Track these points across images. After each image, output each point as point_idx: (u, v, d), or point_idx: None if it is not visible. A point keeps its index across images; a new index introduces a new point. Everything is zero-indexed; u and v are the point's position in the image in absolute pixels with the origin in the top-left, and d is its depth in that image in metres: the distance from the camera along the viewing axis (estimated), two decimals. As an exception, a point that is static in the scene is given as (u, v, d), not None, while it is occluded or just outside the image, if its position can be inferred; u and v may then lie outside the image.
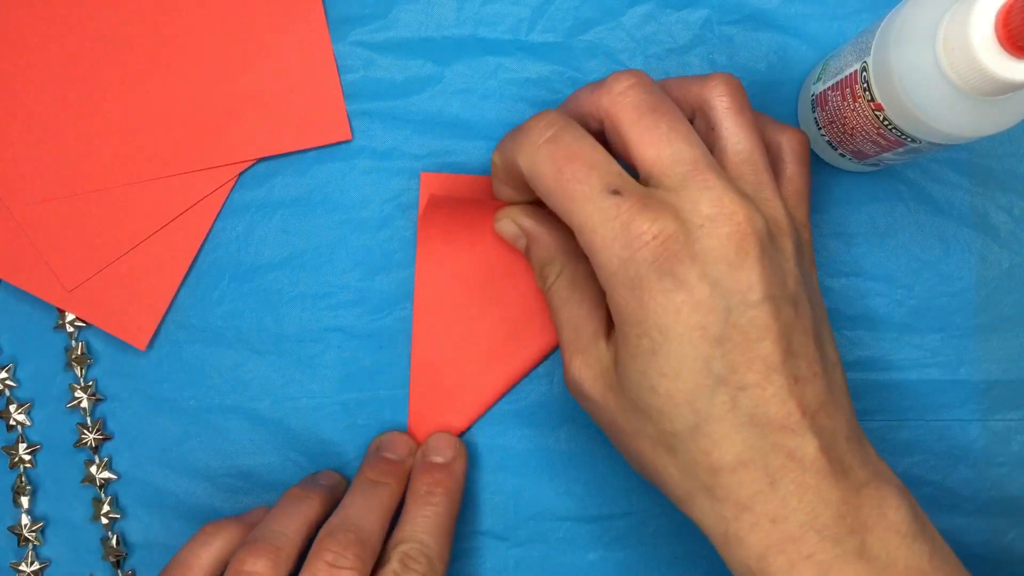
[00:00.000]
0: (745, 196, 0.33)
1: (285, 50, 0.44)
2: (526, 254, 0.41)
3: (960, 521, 0.44)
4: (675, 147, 0.34)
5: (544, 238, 0.40)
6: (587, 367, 0.36)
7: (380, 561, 0.38)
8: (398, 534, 0.39)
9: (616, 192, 0.33)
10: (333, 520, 0.38)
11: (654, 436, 0.34)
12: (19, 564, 0.44)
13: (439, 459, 0.42)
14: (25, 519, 0.44)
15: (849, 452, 0.33)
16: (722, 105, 0.36)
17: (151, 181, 0.44)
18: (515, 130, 0.37)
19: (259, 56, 0.44)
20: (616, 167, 0.34)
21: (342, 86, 0.44)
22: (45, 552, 0.45)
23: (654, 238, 0.32)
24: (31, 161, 0.44)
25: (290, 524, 0.38)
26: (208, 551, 0.39)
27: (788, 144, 0.38)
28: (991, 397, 0.44)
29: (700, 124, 0.37)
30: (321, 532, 0.38)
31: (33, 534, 0.44)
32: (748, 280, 0.32)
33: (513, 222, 0.41)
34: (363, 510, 0.39)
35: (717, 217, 0.32)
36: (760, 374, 0.32)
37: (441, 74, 0.44)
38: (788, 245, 0.34)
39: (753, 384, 0.32)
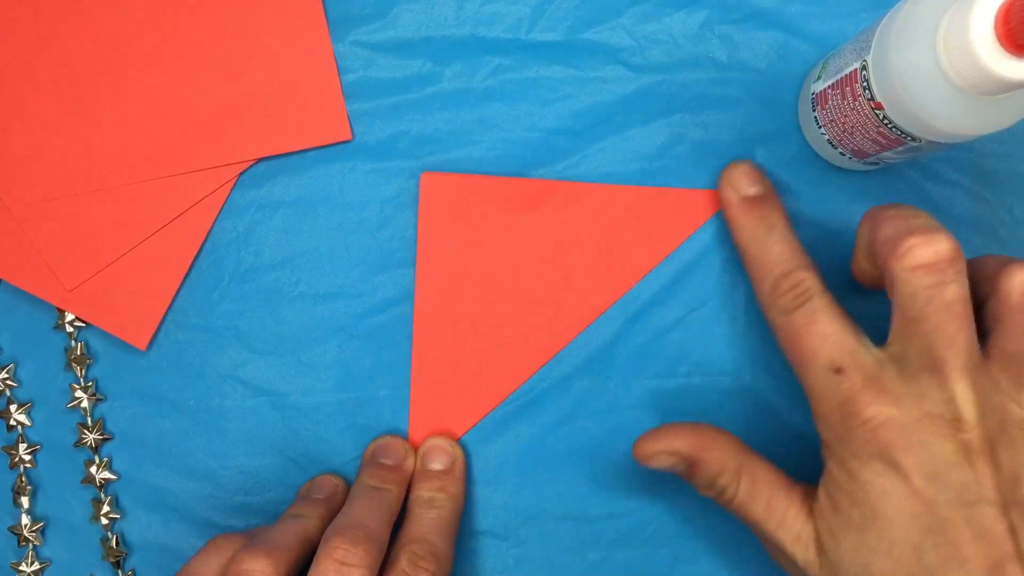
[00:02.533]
0: (985, 398, 0.33)
1: (285, 50, 0.44)
2: (690, 478, 0.40)
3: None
4: (926, 343, 0.33)
5: (707, 458, 0.38)
6: (789, 539, 0.36)
7: (388, 561, 0.38)
8: (405, 535, 0.40)
9: (839, 371, 0.34)
10: (339, 520, 0.38)
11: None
12: (19, 564, 0.44)
13: (438, 466, 0.43)
14: (25, 519, 0.44)
15: None
16: (1014, 301, 0.35)
17: (151, 181, 0.44)
18: (764, 260, 0.39)
19: (259, 56, 0.44)
20: (848, 342, 0.35)
21: (342, 86, 0.44)
22: (45, 552, 0.45)
23: (869, 420, 0.33)
24: (31, 161, 0.44)
25: (288, 533, 0.38)
26: (218, 560, 0.39)
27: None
28: (991, 397, 0.44)
29: (984, 307, 0.36)
30: (328, 532, 0.37)
31: (33, 534, 0.44)
32: (967, 481, 0.32)
33: (668, 453, 0.39)
34: (368, 511, 0.39)
35: (943, 415, 0.32)
36: (976, 574, 0.32)
37: (441, 74, 0.44)
38: None
39: None
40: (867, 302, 0.41)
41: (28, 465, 0.45)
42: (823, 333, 0.35)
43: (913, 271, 0.34)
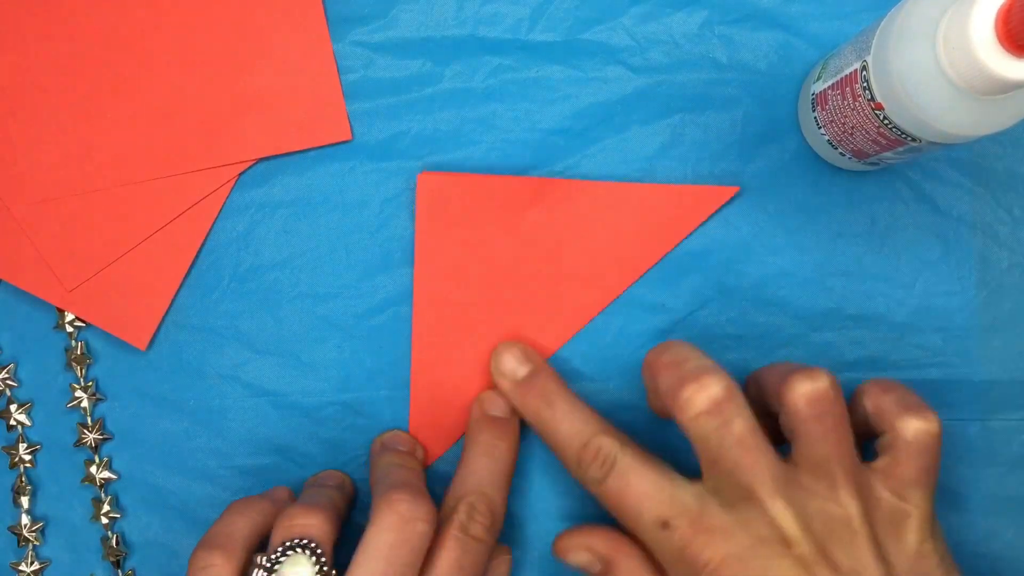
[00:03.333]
0: (801, 512, 0.34)
1: (285, 50, 0.44)
2: None
3: (960, 520, 0.44)
4: (732, 477, 0.35)
5: (625, 563, 0.39)
6: None
7: (444, 511, 0.39)
8: (464, 486, 0.40)
9: (665, 525, 0.35)
10: (383, 485, 0.39)
11: None
12: (19, 564, 0.44)
13: (498, 413, 0.42)
14: (25, 519, 0.44)
15: None
16: (799, 412, 0.36)
17: (151, 181, 0.44)
18: (558, 436, 0.39)
19: (259, 56, 0.44)
20: (665, 492, 0.36)
21: (342, 86, 0.44)
22: (45, 552, 0.45)
23: (706, 564, 0.34)
24: (31, 161, 0.44)
25: (322, 497, 0.40)
26: (244, 521, 0.39)
27: (911, 434, 0.37)
28: (991, 397, 0.44)
29: (782, 421, 0.37)
30: (380, 493, 0.38)
31: (33, 534, 0.44)
32: None
33: (586, 551, 0.40)
34: (403, 477, 0.39)
35: (770, 537, 0.34)
36: None
37: (441, 74, 0.44)
38: (862, 542, 0.34)
39: None
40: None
41: (28, 465, 0.45)
42: (639, 492, 0.36)
43: (696, 419, 0.35)
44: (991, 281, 0.44)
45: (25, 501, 0.44)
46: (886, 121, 0.36)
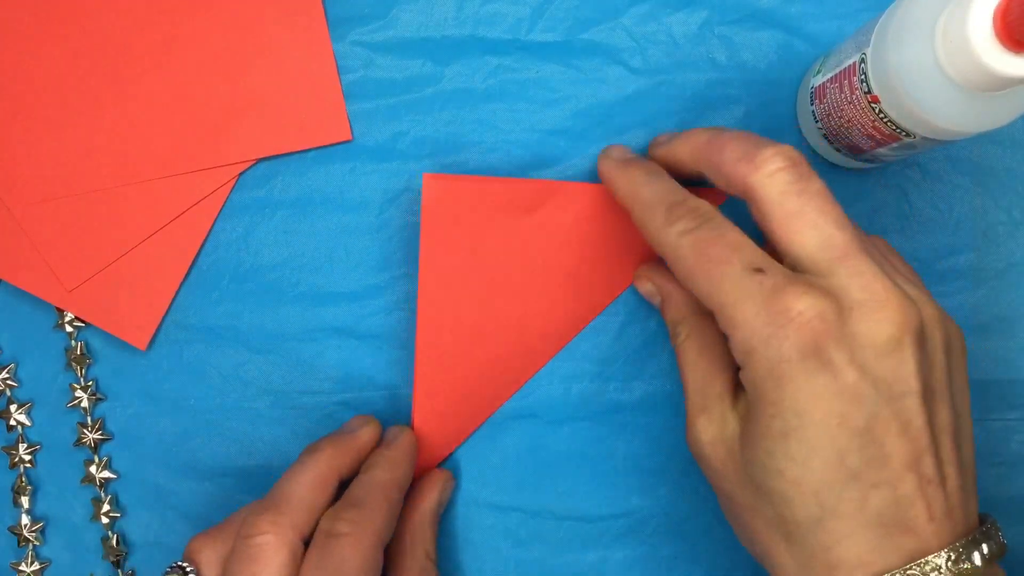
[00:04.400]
0: (897, 285, 0.32)
1: (285, 50, 0.44)
2: (661, 311, 0.41)
3: (960, 521, 0.44)
4: (823, 233, 0.33)
5: (677, 298, 0.40)
6: (709, 429, 0.36)
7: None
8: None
9: (759, 270, 0.33)
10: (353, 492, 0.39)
11: (772, 520, 0.33)
12: (19, 564, 0.44)
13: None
14: (25, 519, 0.44)
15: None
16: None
17: (151, 181, 0.44)
18: (651, 195, 0.37)
19: (259, 56, 0.44)
20: (760, 250, 0.34)
21: (342, 86, 0.44)
22: (45, 552, 0.45)
23: (800, 314, 0.31)
24: (31, 161, 0.44)
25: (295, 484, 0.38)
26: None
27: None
28: (990, 397, 0.44)
29: None
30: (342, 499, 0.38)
31: (33, 534, 0.44)
32: (898, 371, 0.31)
33: (649, 280, 0.42)
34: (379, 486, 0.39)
35: (867, 303, 0.31)
36: (894, 472, 0.31)
37: (441, 74, 0.44)
38: (939, 340, 0.33)
39: (885, 482, 0.31)
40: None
41: (28, 465, 0.45)
42: (734, 242, 0.34)
43: (775, 174, 0.33)
44: (989, 281, 0.44)
45: (25, 501, 0.44)
46: (881, 115, 0.36)
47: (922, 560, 0.31)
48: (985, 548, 0.32)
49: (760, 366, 0.32)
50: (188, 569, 0.37)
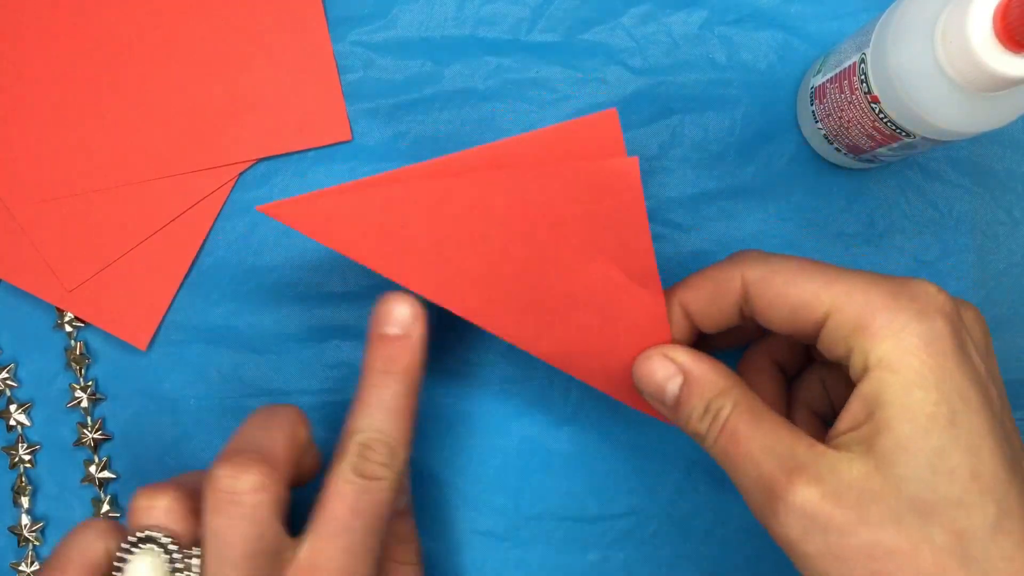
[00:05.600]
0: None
1: (285, 50, 0.44)
2: (671, 401, 0.35)
3: (960, 521, 0.44)
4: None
5: (708, 375, 0.34)
6: (817, 487, 0.29)
7: (337, 451, 0.36)
8: (353, 422, 0.36)
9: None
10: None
11: (944, 544, 0.28)
12: (19, 564, 0.44)
13: (394, 330, 0.37)
14: (25, 519, 0.44)
15: None
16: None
17: (151, 181, 0.44)
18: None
19: (259, 56, 0.44)
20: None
21: (342, 86, 0.44)
22: (45, 552, 0.45)
23: (934, 297, 0.30)
24: (31, 161, 0.44)
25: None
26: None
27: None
28: (991, 397, 0.44)
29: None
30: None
31: (33, 534, 0.44)
32: (993, 370, 0.32)
33: (668, 358, 0.35)
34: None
35: (965, 303, 0.32)
36: None
37: (441, 74, 0.44)
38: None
39: None
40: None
41: (28, 465, 0.45)
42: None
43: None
44: (989, 281, 0.44)
45: (25, 501, 0.44)
46: (881, 115, 0.36)
47: None
48: None
49: (909, 353, 0.29)
50: (162, 539, 0.34)
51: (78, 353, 0.44)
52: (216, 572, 0.33)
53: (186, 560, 0.34)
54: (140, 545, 0.34)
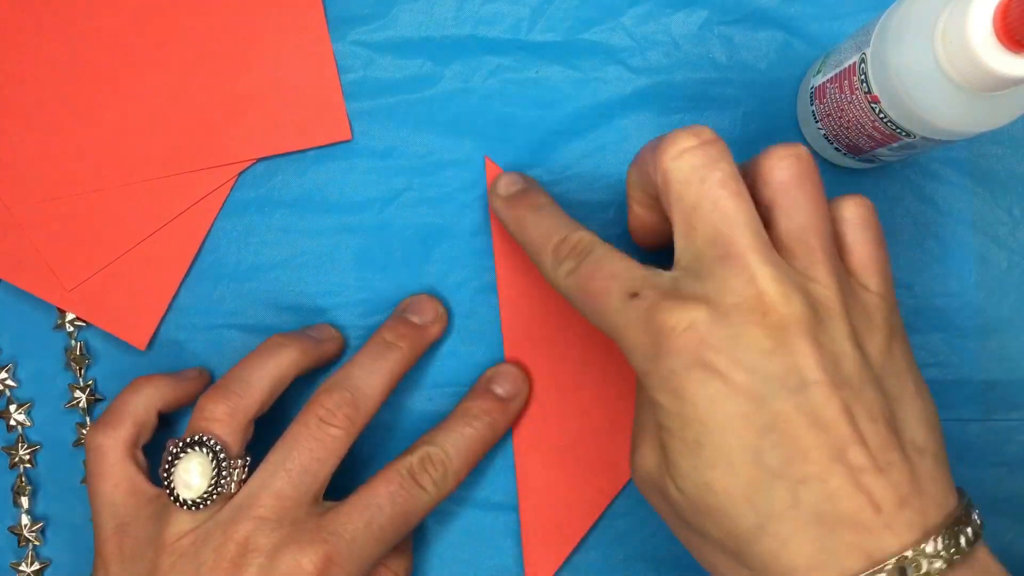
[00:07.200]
0: (784, 277, 0.31)
1: (285, 50, 0.44)
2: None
3: (961, 521, 0.44)
4: (711, 230, 0.32)
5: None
6: (649, 458, 0.34)
7: (404, 451, 0.40)
8: (429, 437, 0.40)
9: (635, 295, 0.32)
10: (335, 376, 0.39)
11: (720, 541, 0.31)
12: (19, 564, 0.44)
13: (499, 391, 0.42)
14: (25, 519, 0.44)
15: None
16: (776, 179, 0.33)
17: (151, 181, 0.44)
18: (536, 236, 0.37)
19: (259, 56, 0.44)
20: (639, 271, 0.33)
21: (342, 86, 0.44)
22: (45, 552, 0.45)
23: (672, 329, 0.31)
24: (31, 161, 0.44)
25: (255, 372, 0.39)
26: (139, 398, 0.41)
27: (848, 212, 0.35)
28: (991, 397, 0.44)
29: (758, 199, 0.33)
30: (321, 386, 0.39)
31: (33, 534, 0.44)
32: (787, 365, 0.30)
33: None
34: (367, 371, 0.40)
35: (745, 302, 0.30)
36: (819, 465, 0.30)
37: (441, 74, 0.44)
38: (840, 326, 0.32)
39: (813, 477, 0.30)
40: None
41: (28, 465, 0.45)
42: (611, 272, 0.33)
43: (680, 156, 0.32)
44: (990, 281, 0.44)
45: (25, 501, 0.44)
46: (881, 115, 0.36)
47: (885, 563, 0.29)
48: (970, 532, 0.31)
49: (658, 385, 0.31)
50: (209, 441, 0.38)
51: (78, 353, 0.44)
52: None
53: (230, 469, 0.37)
54: (193, 447, 0.37)
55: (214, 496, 0.37)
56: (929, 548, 0.30)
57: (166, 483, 0.37)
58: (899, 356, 0.33)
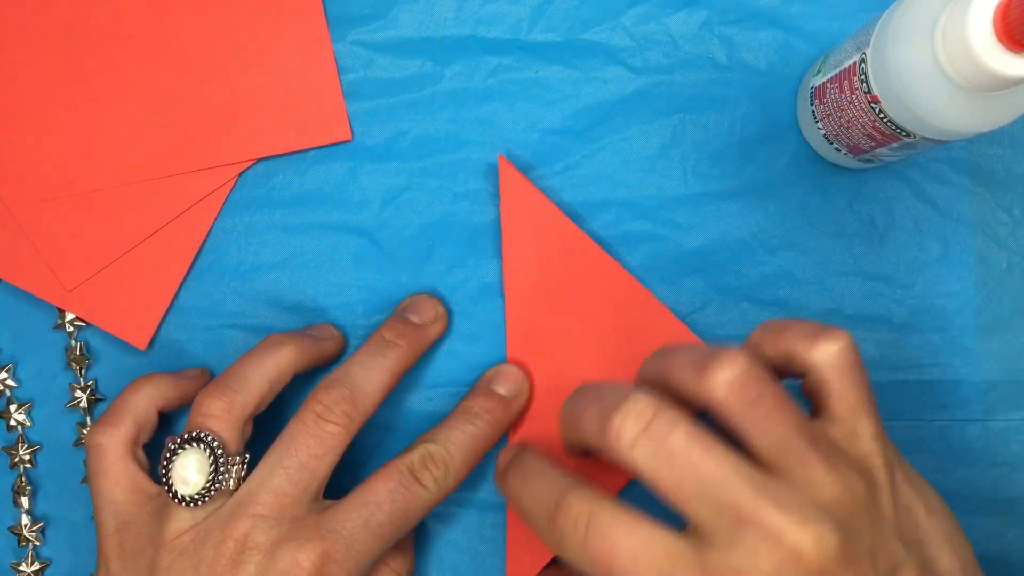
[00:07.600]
0: (801, 512, 0.30)
1: (285, 50, 0.44)
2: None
3: (960, 521, 0.44)
4: (708, 499, 0.31)
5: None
6: None
7: (404, 449, 0.39)
8: (430, 435, 0.40)
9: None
10: (334, 373, 0.39)
11: None
12: (19, 564, 0.44)
13: (501, 390, 0.42)
14: (25, 519, 0.44)
15: None
16: (734, 401, 0.32)
17: (151, 181, 0.44)
18: (529, 505, 0.35)
19: (259, 56, 0.44)
20: (659, 542, 0.31)
21: (342, 86, 0.44)
22: (45, 552, 0.45)
23: None
24: (31, 161, 0.44)
25: (253, 369, 0.39)
26: (139, 396, 0.41)
27: (830, 357, 0.34)
28: (991, 397, 0.44)
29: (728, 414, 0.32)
30: (320, 383, 0.39)
31: (33, 534, 0.44)
32: None
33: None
34: (365, 369, 0.40)
35: (781, 563, 0.30)
36: None
37: (441, 74, 0.44)
38: (861, 518, 0.31)
39: None
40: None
41: (28, 465, 0.45)
42: (630, 553, 0.31)
43: (635, 446, 0.31)
44: (990, 281, 0.44)
45: (25, 501, 0.44)
46: (881, 115, 0.36)
47: None
48: None
49: None
50: (206, 437, 0.38)
51: (78, 353, 0.44)
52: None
53: (228, 465, 0.37)
54: (191, 443, 0.37)
55: (212, 492, 0.37)
56: None
57: (164, 480, 0.37)
58: (906, 491, 0.35)
